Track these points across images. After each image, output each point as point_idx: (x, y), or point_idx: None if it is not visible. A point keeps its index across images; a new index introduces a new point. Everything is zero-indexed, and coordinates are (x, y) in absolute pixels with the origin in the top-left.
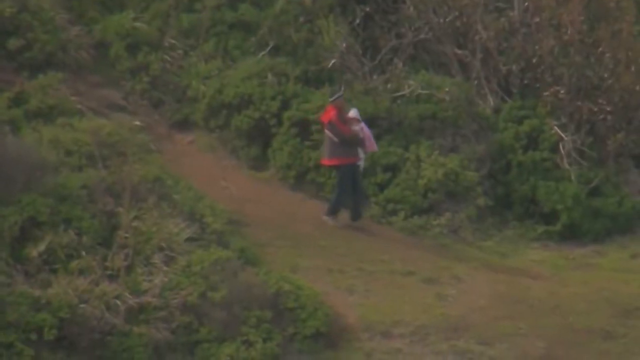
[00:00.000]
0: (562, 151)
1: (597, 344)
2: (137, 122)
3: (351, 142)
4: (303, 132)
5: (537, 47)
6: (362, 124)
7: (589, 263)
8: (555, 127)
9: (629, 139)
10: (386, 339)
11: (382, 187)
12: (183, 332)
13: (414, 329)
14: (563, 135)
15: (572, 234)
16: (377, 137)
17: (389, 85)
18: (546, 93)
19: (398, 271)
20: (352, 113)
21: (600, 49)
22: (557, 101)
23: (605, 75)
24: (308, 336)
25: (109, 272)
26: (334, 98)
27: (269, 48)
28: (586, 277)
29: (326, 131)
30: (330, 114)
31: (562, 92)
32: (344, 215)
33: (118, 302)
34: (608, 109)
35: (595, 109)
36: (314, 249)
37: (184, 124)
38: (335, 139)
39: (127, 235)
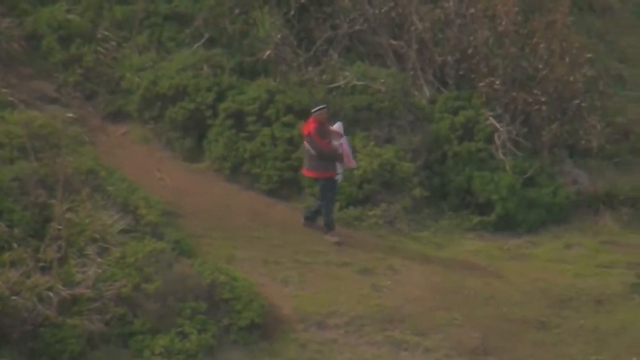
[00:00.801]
0: (497, 142)
1: (532, 334)
2: (70, 114)
3: (328, 157)
4: (238, 123)
5: (472, 38)
6: (344, 139)
7: (523, 253)
8: (491, 118)
9: (564, 129)
10: (321, 330)
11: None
12: (117, 324)
13: (349, 319)
14: (498, 126)
15: (506, 224)
16: None
17: (324, 77)
18: (481, 84)
19: (333, 262)
20: (336, 127)
21: (534, 39)
22: (492, 92)
23: (540, 66)
24: (243, 327)
25: (41, 264)
26: (315, 110)
27: (203, 39)
28: (521, 268)
29: (305, 143)
30: (310, 127)
31: (497, 82)
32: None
33: (50, 293)
34: (542, 99)
35: (530, 100)
36: (250, 240)
37: (117, 116)
38: (313, 152)
39: (59, 227)
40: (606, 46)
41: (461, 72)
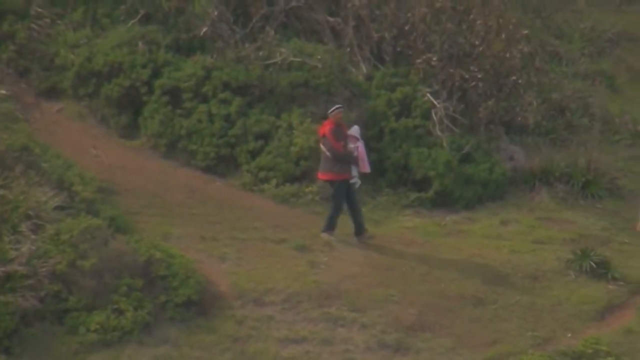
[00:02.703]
0: (435, 118)
1: (468, 310)
2: (3, 91)
3: (343, 159)
4: (174, 100)
5: (409, 14)
6: (360, 143)
7: (460, 230)
8: (428, 94)
9: (500, 105)
10: (258, 307)
11: (254, 154)
12: (51, 301)
13: (286, 296)
14: (435, 102)
15: (444, 201)
16: (249, 106)
17: (260, 53)
18: (418, 60)
19: (270, 239)
20: (353, 130)
21: (471, 16)
22: (429, 68)
23: (477, 43)
24: (180, 304)
25: None
26: (331, 111)
27: (139, 16)
28: (458, 244)
29: (320, 145)
30: (325, 128)
31: (434, 59)
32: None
33: None
34: (479, 76)
35: (467, 76)
36: (186, 217)
37: (52, 93)
38: (328, 154)
39: None
40: (542, 22)
41: (398, 49)
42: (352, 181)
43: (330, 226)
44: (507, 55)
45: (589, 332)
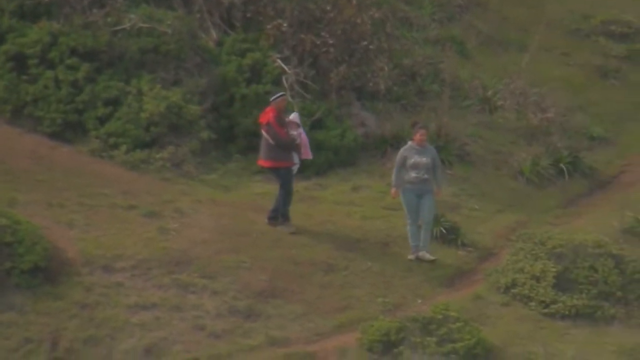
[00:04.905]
0: (285, 84)
1: (319, 276)
2: None
3: (287, 147)
4: (20, 66)
5: None
6: (301, 129)
7: (312, 196)
8: (278, 60)
9: (351, 71)
10: (107, 273)
11: (102, 121)
12: None
13: (135, 262)
14: (286, 68)
15: None
16: (98, 72)
17: (109, 19)
18: (269, 26)
19: (120, 205)
20: (293, 117)
21: None
22: (280, 34)
23: (328, 8)
24: (26, 271)
25: None
26: (274, 98)
27: None
28: (309, 210)
29: (263, 132)
30: (268, 115)
31: (284, 25)
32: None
33: None
34: (330, 41)
35: (318, 42)
36: (32, 184)
37: None
38: (272, 141)
39: None
40: None
41: (248, 15)
42: (292, 167)
43: (285, 216)
44: (358, 20)
45: (439, 298)
